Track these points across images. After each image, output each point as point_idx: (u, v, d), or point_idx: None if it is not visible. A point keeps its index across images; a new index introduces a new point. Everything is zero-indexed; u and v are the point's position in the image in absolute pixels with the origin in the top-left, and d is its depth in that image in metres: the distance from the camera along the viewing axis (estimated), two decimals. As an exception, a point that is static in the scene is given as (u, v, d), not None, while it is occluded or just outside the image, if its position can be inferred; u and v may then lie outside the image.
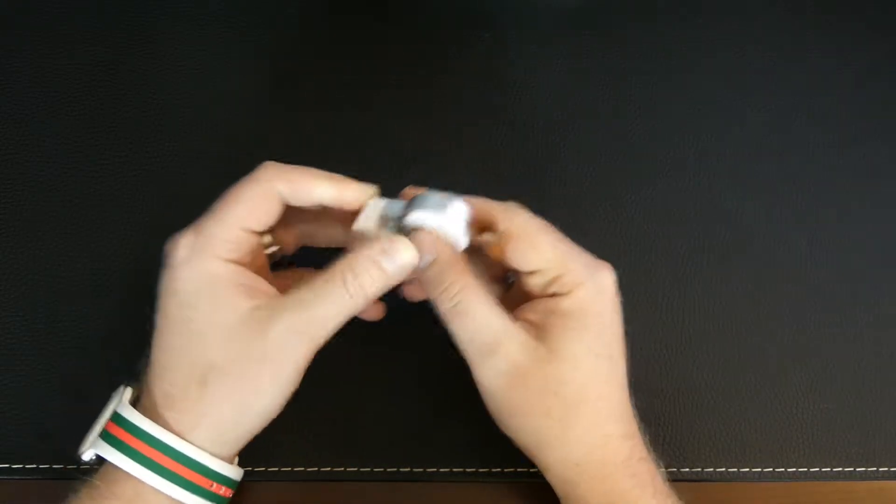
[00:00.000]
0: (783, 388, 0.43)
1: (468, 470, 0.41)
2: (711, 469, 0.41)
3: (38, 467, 0.40)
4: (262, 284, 0.35)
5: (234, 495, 0.37)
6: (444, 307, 0.35)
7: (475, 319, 0.34)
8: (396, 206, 0.36)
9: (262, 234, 0.37)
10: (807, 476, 0.42)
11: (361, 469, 0.40)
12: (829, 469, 0.42)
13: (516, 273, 0.37)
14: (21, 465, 0.40)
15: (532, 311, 0.36)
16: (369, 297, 0.34)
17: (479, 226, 0.36)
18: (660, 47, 0.52)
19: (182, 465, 0.33)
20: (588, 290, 0.35)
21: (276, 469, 0.40)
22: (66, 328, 0.42)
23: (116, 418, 0.34)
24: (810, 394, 0.43)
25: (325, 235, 0.40)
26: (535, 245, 0.35)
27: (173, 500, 0.33)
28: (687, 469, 0.41)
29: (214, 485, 0.34)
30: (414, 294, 0.40)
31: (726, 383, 0.43)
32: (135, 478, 0.32)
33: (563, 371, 0.34)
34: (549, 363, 0.34)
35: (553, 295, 0.36)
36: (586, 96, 0.50)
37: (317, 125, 0.48)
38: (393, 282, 0.34)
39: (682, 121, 0.50)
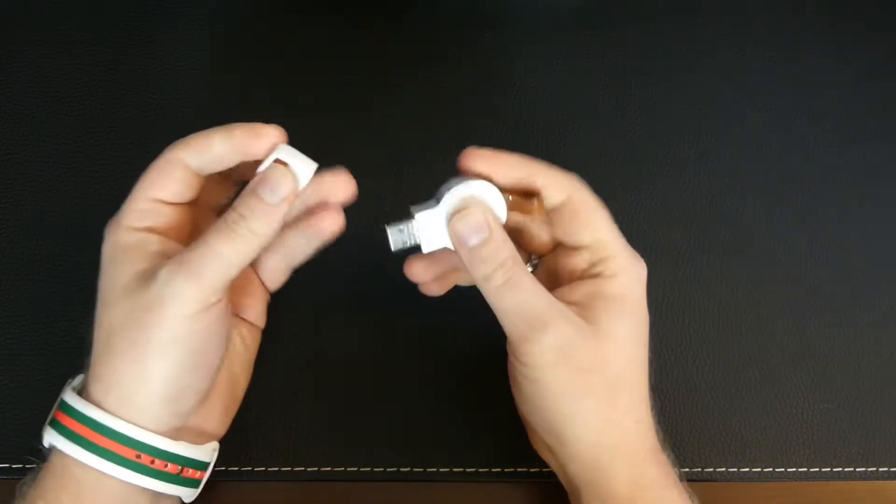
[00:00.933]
0: (783, 388, 0.43)
1: (468, 470, 0.41)
2: (711, 469, 0.41)
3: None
4: (173, 246, 0.34)
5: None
6: (495, 283, 0.34)
7: (527, 292, 0.34)
8: (429, 204, 0.35)
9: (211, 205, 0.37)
10: (807, 476, 0.42)
11: (361, 469, 0.40)
12: (829, 469, 0.42)
13: (558, 248, 0.37)
14: (21, 465, 0.40)
15: (572, 293, 0.36)
16: (254, 229, 0.32)
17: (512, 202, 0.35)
18: (660, 47, 0.52)
19: (100, 435, 0.32)
20: (631, 276, 0.35)
21: (276, 469, 0.40)
22: (66, 328, 0.42)
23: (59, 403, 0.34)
24: (810, 394, 0.43)
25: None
26: (593, 221, 0.35)
27: (101, 473, 0.32)
28: (687, 469, 0.41)
29: (143, 456, 0.32)
30: (418, 274, 0.38)
31: (726, 383, 0.43)
32: (62, 452, 0.32)
33: (609, 351, 0.34)
34: (597, 342, 0.34)
35: (595, 276, 0.35)
36: (586, 96, 0.50)
37: (316, 125, 0.48)
38: (277, 211, 0.33)
39: (682, 121, 0.50)
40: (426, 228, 0.34)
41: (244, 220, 0.32)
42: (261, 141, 0.34)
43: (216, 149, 0.34)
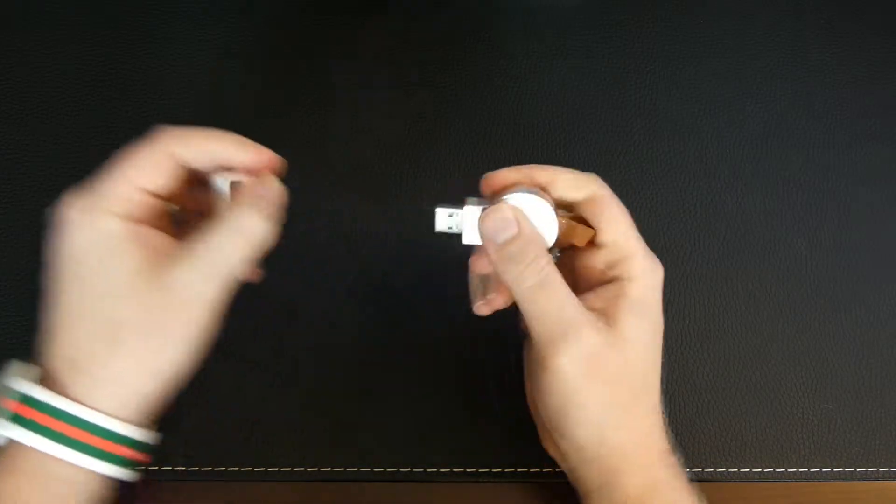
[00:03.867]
0: (783, 388, 0.43)
1: (468, 470, 0.41)
2: (711, 469, 0.42)
3: (38, 467, 0.39)
4: (164, 239, 0.33)
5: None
6: (529, 283, 0.33)
7: (561, 295, 0.33)
8: (483, 201, 0.35)
9: (166, 200, 0.35)
10: (807, 476, 0.42)
11: (361, 469, 0.40)
12: (829, 469, 0.42)
13: (578, 251, 0.36)
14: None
15: (596, 299, 0.35)
16: (265, 228, 0.33)
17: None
18: (660, 47, 0.52)
19: (88, 433, 0.31)
20: (650, 279, 0.35)
21: (277, 469, 0.40)
22: (66, 328, 0.42)
23: (5, 391, 0.32)
24: (810, 394, 0.43)
25: None
26: (613, 219, 0.34)
27: (77, 466, 0.31)
28: (687, 469, 0.41)
29: (121, 448, 0.32)
30: (482, 267, 0.37)
31: (726, 383, 0.43)
32: (33, 449, 0.31)
33: (632, 359, 0.34)
34: (620, 350, 0.33)
35: (614, 279, 0.35)
36: (586, 96, 0.50)
37: (316, 125, 0.48)
38: (275, 205, 0.33)
39: (682, 121, 0.50)
40: (472, 221, 0.34)
41: (258, 220, 0.33)
42: (260, 157, 0.34)
43: (211, 151, 0.33)
